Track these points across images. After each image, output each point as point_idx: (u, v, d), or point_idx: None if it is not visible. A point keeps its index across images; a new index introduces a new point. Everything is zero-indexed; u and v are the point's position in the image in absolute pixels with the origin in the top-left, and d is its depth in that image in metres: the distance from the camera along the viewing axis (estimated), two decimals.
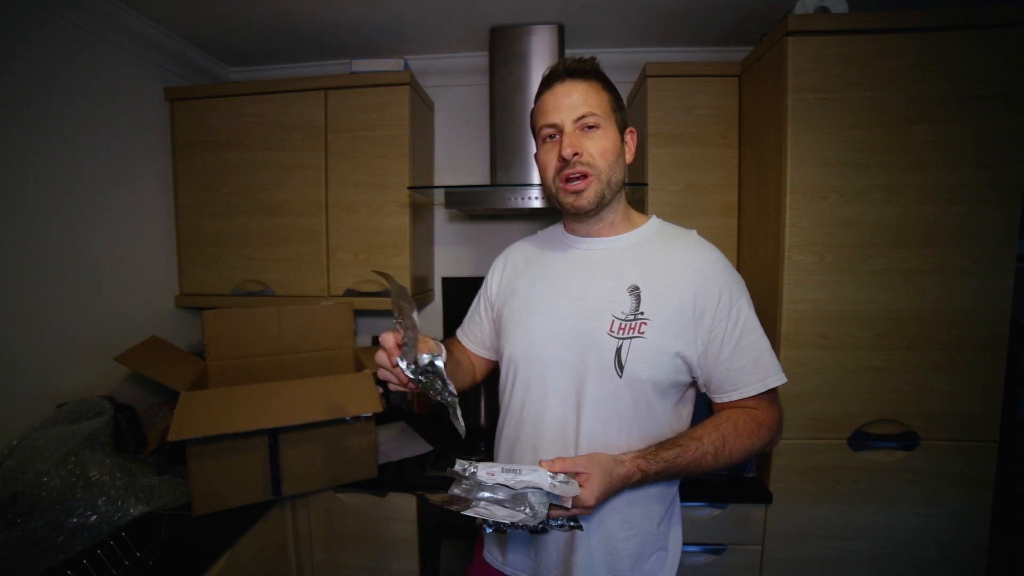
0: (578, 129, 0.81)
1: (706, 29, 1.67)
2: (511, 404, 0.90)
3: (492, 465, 0.73)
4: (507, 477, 0.70)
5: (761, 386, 0.80)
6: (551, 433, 0.83)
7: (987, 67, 1.15)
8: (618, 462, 0.74)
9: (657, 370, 0.78)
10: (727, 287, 0.80)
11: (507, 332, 0.91)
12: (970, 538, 1.27)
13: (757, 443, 0.80)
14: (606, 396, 0.80)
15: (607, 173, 0.82)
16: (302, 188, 1.70)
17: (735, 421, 0.80)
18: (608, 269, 0.85)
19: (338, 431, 1.31)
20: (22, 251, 1.27)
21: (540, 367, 0.85)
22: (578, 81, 0.82)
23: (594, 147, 0.81)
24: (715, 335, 0.79)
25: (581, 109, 0.81)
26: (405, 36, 1.73)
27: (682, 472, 0.77)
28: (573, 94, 0.81)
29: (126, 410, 1.38)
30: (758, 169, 1.41)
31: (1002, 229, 1.18)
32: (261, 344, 1.52)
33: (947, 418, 1.24)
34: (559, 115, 0.82)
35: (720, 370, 0.80)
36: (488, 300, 1.02)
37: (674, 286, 0.80)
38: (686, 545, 1.33)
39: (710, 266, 0.82)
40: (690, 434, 0.79)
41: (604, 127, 0.82)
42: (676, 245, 0.85)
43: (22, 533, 0.94)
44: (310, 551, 1.45)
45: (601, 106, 0.82)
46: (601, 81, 0.84)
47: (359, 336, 2.04)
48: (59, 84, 1.36)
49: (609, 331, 0.79)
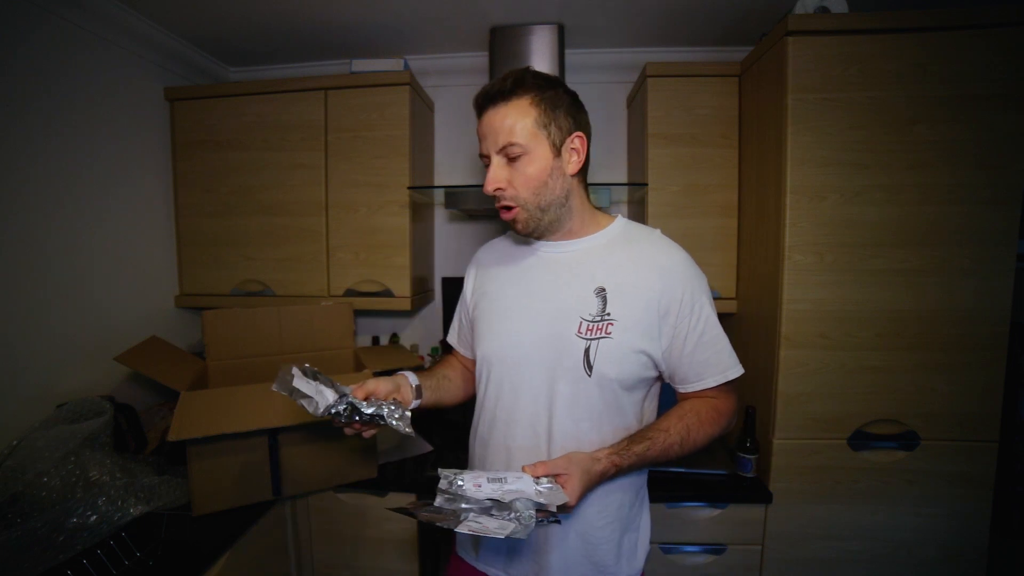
0: (503, 159, 0.82)
1: (706, 29, 1.67)
2: (484, 403, 0.92)
3: (477, 475, 0.74)
4: (494, 488, 0.72)
5: (722, 377, 0.85)
6: (523, 431, 0.86)
7: (987, 67, 1.15)
8: (594, 460, 0.77)
9: (624, 368, 0.81)
10: (690, 286, 0.83)
11: (480, 333, 0.93)
12: (970, 538, 1.27)
13: (716, 430, 0.86)
14: (577, 395, 0.82)
15: (533, 201, 0.82)
16: (302, 188, 1.70)
17: (698, 411, 0.85)
18: (575, 271, 0.86)
19: (338, 431, 1.30)
20: (22, 251, 1.27)
21: (512, 367, 0.87)
22: (499, 106, 0.80)
23: (518, 177, 0.81)
24: (679, 332, 0.83)
25: (501, 140, 0.80)
26: (405, 36, 1.73)
27: (652, 463, 0.83)
28: (494, 122, 0.80)
29: (126, 410, 1.38)
30: (758, 169, 1.41)
31: (1002, 229, 1.18)
32: (261, 344, 1.52)
33: (947, 418, 1.24)
34: (485, 146, 0.83)
35: (684, 364, 0.84)
36: (465, 304, 1.04)
37: (639, 286, 0.82)
38: (686, 545, 1.34)
39: (674, 266, 0.84)
40: (657, 426, 0.84)
41: (530, 151, 0.80)
42: (641, 246, 0.87)
43: (22, 533, 0.94)
44: (310, 551, 1.45)
45: (525, 129, 0.79)
46: (530, 95, 0.80)
47: (359, 336, 2.04)
48: (59, 84, 1.36)
49: (577, 332, 0.82)
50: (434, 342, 2.00)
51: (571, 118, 0.83)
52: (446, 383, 1.01)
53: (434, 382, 0.98)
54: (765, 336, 1.33)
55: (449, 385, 1.02)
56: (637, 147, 1.71)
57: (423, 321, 2.05)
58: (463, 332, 1.07)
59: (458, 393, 1.04)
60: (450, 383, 1.02)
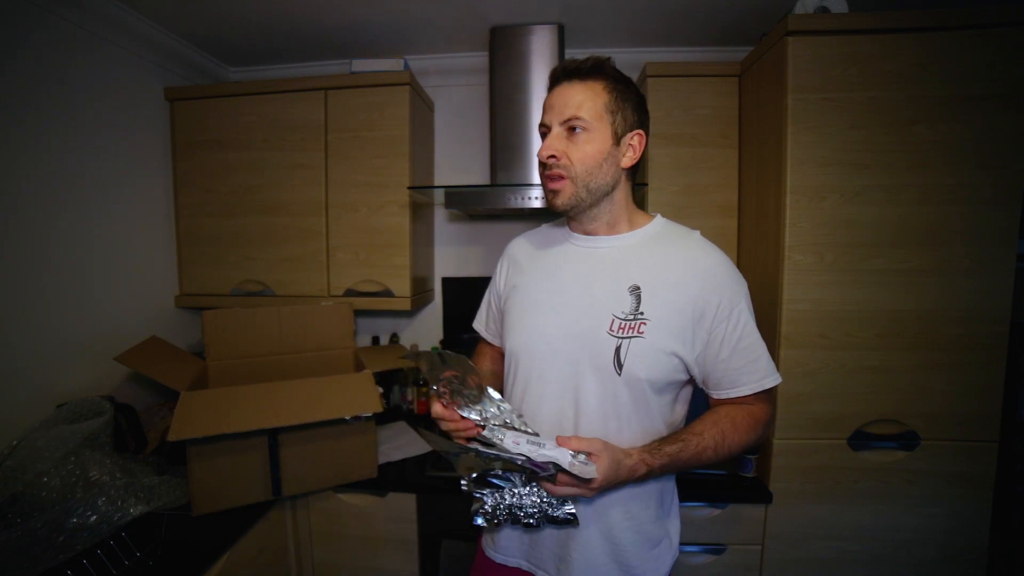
0: (564, 131, 0.82)
1: (706, 29, 1.67)
2: (511, 398, 0.91)
3: (518, 434, 0.76)
4: (531, 449, 0.72)
5: (758, 386, 0.83)
6: (549, 428, 0.84)
7: (987, 67, 1.15)
8: (626, 454, 0.76)
9: (655, 370, 0.79)
10: (728, 291, 0.81)
11: (510, 326, 0.92)
12: (970, 538, 1.27)
13: (752, 437, 0.83)
14: (604, 394, 0.81)
15: (584, 178, 0.81)
16: (302, 188, 1.70)
17: (733, 417, 0.82)
18: (610, 268, 0.85)
19: (338, 431, 1.31)
20: (22, 251, 1.27)
21: (540, 362, 0.85)
22: (574, 82, 0.82)
23: (575, 151, 0.81)
24: (714, 337, 0.81)
25: (568, 112, 0.80)
26: (405, 36, 1.73)
27: (684, 466, 0.80)
28: (566, 95, 0.81)
29: (126, 410, 1.38)
30: (758, 169, 1.41)
31: (1002, 229, 1.18)
32: (261, 344, 1.52)
33: (947, 418, 1.24)
34: (549, 116, 0.83)
35: (719, 369, 0.82)
36: (496, 294, 1.02)
37: (675, 288, 0.80)
38: (686, 545, 1.33)
39: (712, 269, 0.82)
40: (691, 429, 0.81)
41: (592, 130, 0.80)
42: (679, 246, 0.85)
43: (22, 533, 0.94)
44: (310, 551, 1.45)
45: (593, 109, 0.80)
46: (605, 81, 0.82)
47: (359, 336, 2.04)
48: (59, 84, 1.36)
49: (609, 330, 0.80)
50: (434, 342, 2.01)
51: (636, 115, 0.84)
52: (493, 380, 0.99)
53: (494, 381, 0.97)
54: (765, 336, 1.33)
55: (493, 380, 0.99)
56: None
57: (423, 321, 2.05)
58: (491, 319, 1.06)
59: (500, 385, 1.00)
60: (496, 379, 1.01)
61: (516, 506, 0.77)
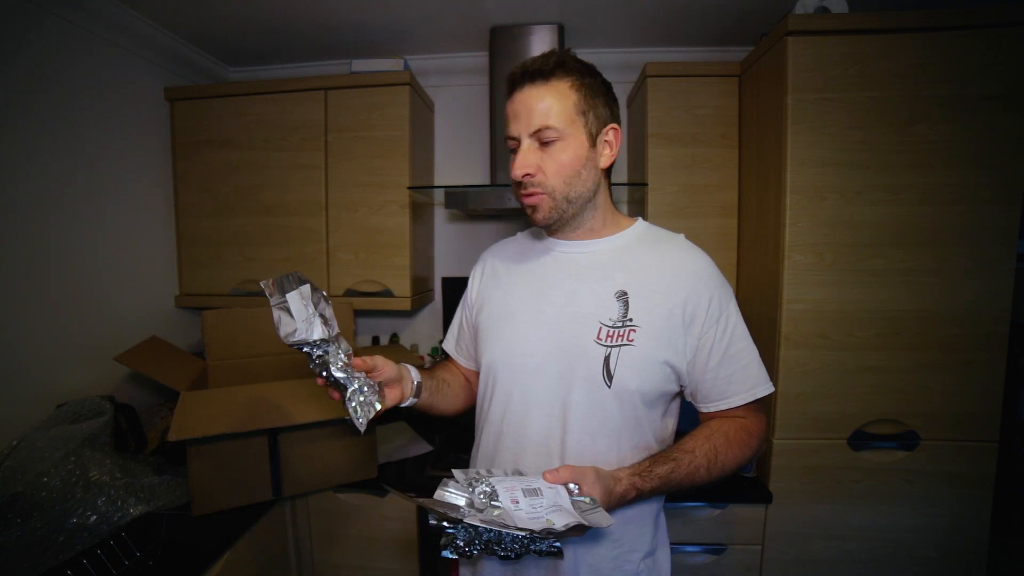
0: (535, 143, 0.75)
1: (706, 29, 1.67)
2: (490, 417, 0.85)
3: (510, 484, 0.66)
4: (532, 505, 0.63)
5: (750, 395, 0.78)
6: (534, 447, 0.79)
7: (987, 67, 1.15)
8: (615, 480, 0.70)
9: (647, 380, 0.75)
10: (716, 293, 0.78)
11: (486, 339, 0.86)
12: (970, 538, 1.27)
13: (748, 453, 0.78)
14: (593, 407, 0.76)
15: (563, 190, 0.76)
16: (302, 188, 1.70)
17: (726, 432, 0.77)
18: (594, 273, 0.80)
19: (338, 431, 1.31)
20: (22, 251, 1.27)
21: (523, 377, 0.80)
22: (538, 85, 0.74)
23: (550, 164, 0.75)
24: (704, 342, 0.77)
25: (536, 122, 0.74)
26: (405, 36, 1.73)
27: (675, 487, 0.75)
28: (530, 102, 0.74)
29: (126, 410, 1.38)
30: (758, 169, 1.41)
31: (1002, 229, 1.18)
32: (261, 344, 1.52)
33: (947, 418, 1.24)
34: (516, 127, 0.76)
35: (708, 379, 0.78)
36: (467, 308, 0.97)
37: (663, 291, 0.77)
38: (686, 545, 1.34)
39: (701, 271, 0.79)
40: (682, 446, 0.76)
41: (565, 138, 0.74)
42: (664, 249, 0.82)
43: (22, 533, 0.94)
44: (310, 551, 1.45)
45: (563, 113, 0.74)
46: (571, 78, 0.75)
47: (359, 336, 2.04)
48: (59, 84, 1.36)
49: (596, 338, 0.76)
50: (434, 342, 2.01)
51: (608, 108, 0.78)
52: (444, 387, 0.92)
53: (433, 384, 0.89)
54: (765, 336, 1.33)
55: (447, 391, 0.93)
56: (637, 147, 1.71)
57: (423, 321, 2.05)
58: (463, 339, 0.99)
59: (455, 402, 0.95)
60: (448, 388, 0.93)
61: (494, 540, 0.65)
